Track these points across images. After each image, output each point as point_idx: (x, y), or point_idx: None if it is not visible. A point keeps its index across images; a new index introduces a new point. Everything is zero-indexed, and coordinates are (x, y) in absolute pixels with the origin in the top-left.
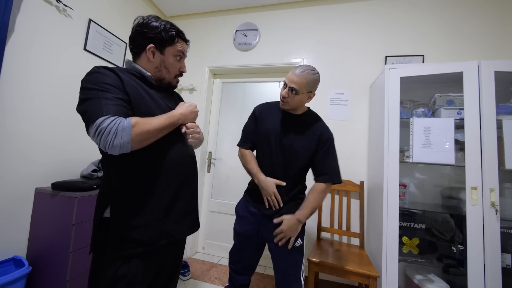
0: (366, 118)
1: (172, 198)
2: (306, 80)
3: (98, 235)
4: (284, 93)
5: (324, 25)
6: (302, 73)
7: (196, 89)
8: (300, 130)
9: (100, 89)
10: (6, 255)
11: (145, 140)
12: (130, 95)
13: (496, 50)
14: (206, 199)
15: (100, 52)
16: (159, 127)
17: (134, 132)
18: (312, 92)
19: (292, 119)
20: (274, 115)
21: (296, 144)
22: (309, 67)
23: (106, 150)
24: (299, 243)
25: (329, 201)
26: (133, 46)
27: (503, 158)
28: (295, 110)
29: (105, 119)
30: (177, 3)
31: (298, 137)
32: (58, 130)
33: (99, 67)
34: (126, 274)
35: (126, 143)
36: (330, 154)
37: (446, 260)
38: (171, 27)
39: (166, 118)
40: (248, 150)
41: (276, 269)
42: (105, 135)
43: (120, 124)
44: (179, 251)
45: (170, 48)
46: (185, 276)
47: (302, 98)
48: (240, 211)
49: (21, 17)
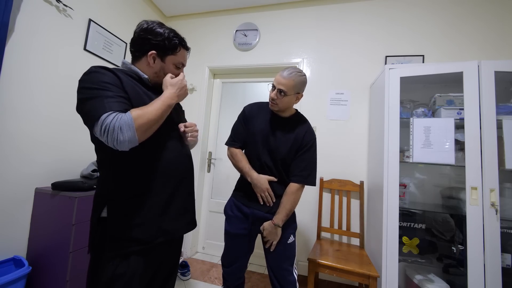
0: (366, 118)
1: (169, 196)
2: (294, 82)
3: (96, 235)
4: (273, 95)
5: (324, 25)
6: (289, 75)
7: (196, 89)
8: (286, 133)
9: (101, 88)
10: (6, 255)
11: (150, 128)
12: (129, 94)
13: (496, 50)
14: (206, 199)
15: (100, 52)
16: (158, 113)
17: (137, 124)
18: (300, 93)
19: (280, 121)
20: (263, 116)
21: (282, 146)
22: (296, 69)
23: (116, 148)
24: (292, 239)
25: (329, 201)
26: (134, 49)
27: (503, 158)
28: (283, 112)
29: (108, 115)
30: (177, 3)
31: (284, 140)
32: (58, 130)
33: (96, 66)
34: (125, 272)
35: (132, 136)
36: (307, 156)
37: (446, 260)
38: (174, 35)
39: (161, 102)
40: (238, 149)
41: (270, 265)
42: (111, 131)
43: (122, 119)
44: (176, 249)
45: (171, 56)
46: (185, 276)
47: (290, 100)
48: (229, 210)
49: (21, 17)
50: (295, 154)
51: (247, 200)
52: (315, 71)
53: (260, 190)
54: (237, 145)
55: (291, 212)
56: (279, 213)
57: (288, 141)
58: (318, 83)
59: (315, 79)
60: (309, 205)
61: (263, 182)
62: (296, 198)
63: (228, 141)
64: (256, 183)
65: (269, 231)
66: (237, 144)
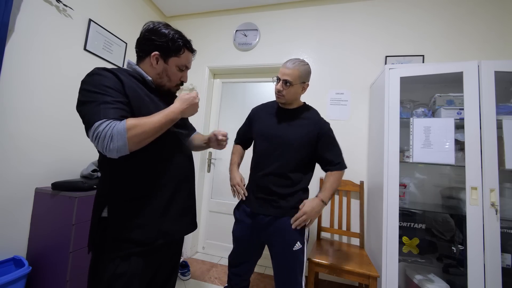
0: (366, 118)
1: (170, 198)
2: (299, 71)
3: (97, 235)
4: (278, 87)
5: (324, 25)
6: (293, 65)
7: (196, 89)
8: (296, 122)
9: (100, 92)
10: (6, 255)
11: (142, 141)
12: (130, 97)
13: (496, 50)
14: (206, 199)
15: (100, 52)
16: (155, 126)
17: (130, 134)
18: (306, 82)
19: (287, 113)
20: (269, 111)
21: (292, 135)
22: (298, 59)
23: (105, 154)
24: (298, 246)
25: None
26: (139, 49)
27: (503, 158)
28: (290, 105)
29: (101, 123)
30: (177, 3)
31: (293, 128)
32: (58, 130)
33: (100, 68)
34: (125, 272)
35: (122, 146)
36: (335, 144)
37: (446, 260)
38: (179, 37)
39: (163, 116)
40: (237, 145)
41: (276, 273)
42: (101, 139)
43: (115, 128)
44: (177, 250)
45: (175, 58)
46: (185, 276)
47: (296, 90)
48: (237, 214)
49: (21, 17)
50: (314, 142)
51: (256, 206)
52: (315, 71)
53: (232, 183)
54: (237, 141)
55: (335, 192)
56: (324, 190)
57: (298, 129)
58: (318, 83)
59: (315, 79)
60: None
61: (236, 176)
62: (340, 179)
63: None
64: (231, 176)
65: (312, 206)
66: (237, 140)
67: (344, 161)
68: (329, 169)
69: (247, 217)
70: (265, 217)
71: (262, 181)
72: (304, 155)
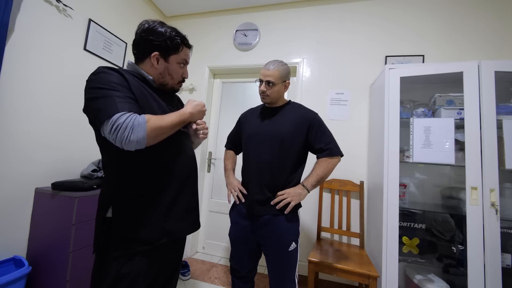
0: (366, 118)
1: (173, 197)
2: (279, 71)
3: (101, 235)
4: (262, 88)
5: (324, 25)
6: (274, 67)
7: (196, 89)
8: (283, 117)
9: (111, 88)
10: (6, 255)
11: (159, 135)
12: (136, 95)
13: (496, 50)
14: (206, 199)
15: (100, 52)
16: (171, 123)
17: (149, 127)
18: (287, 81)
19: (274, 110)
20: (256, 114)
21: (281, 130)
22: (277, 61)
23: (123, 146)
24: (293, 246)
25: (329, 201)
26: (137, 51)
27: (503, 158)
28: (275, 103)
29: (121, 115)
30: (177, 3)
31: (282, 123)
32: (58, 130)
33: (104, 67)
34: (129, 272)
35: (142, 138)
36: (325, 130)
37: (446, 260)
38: (176, 34)
39: (177, 116)
40: (229, 150)
41: (270, 272)
42: (122, 130)
43: (136, 120)
44: (179, 249)
45: (175, 56)
46: (185, 276)
47: (279, 88)
48: (233, 215)
49: (21, 17)
50: (305, 133)
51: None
52: (315, 71)
53: (231, 187)
54: (228, 147)
55: (322, 180)
56: (309, 177)
57: (286, 124)
58: (318, 83)
59: (315, 79)
60: (309, 205)
61: (234, 181)
62: (329, 166)
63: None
64: (227, 181)
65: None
66: (228, 145)
67: (338, 148)
68: (319, 156)
69: (242, 218)
70: (260, 217)
71: (255, 180)
72: (294, 147)
